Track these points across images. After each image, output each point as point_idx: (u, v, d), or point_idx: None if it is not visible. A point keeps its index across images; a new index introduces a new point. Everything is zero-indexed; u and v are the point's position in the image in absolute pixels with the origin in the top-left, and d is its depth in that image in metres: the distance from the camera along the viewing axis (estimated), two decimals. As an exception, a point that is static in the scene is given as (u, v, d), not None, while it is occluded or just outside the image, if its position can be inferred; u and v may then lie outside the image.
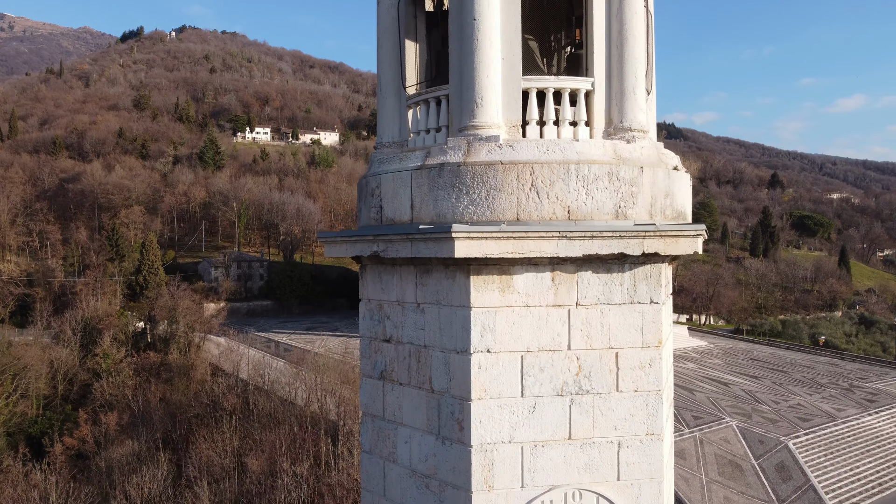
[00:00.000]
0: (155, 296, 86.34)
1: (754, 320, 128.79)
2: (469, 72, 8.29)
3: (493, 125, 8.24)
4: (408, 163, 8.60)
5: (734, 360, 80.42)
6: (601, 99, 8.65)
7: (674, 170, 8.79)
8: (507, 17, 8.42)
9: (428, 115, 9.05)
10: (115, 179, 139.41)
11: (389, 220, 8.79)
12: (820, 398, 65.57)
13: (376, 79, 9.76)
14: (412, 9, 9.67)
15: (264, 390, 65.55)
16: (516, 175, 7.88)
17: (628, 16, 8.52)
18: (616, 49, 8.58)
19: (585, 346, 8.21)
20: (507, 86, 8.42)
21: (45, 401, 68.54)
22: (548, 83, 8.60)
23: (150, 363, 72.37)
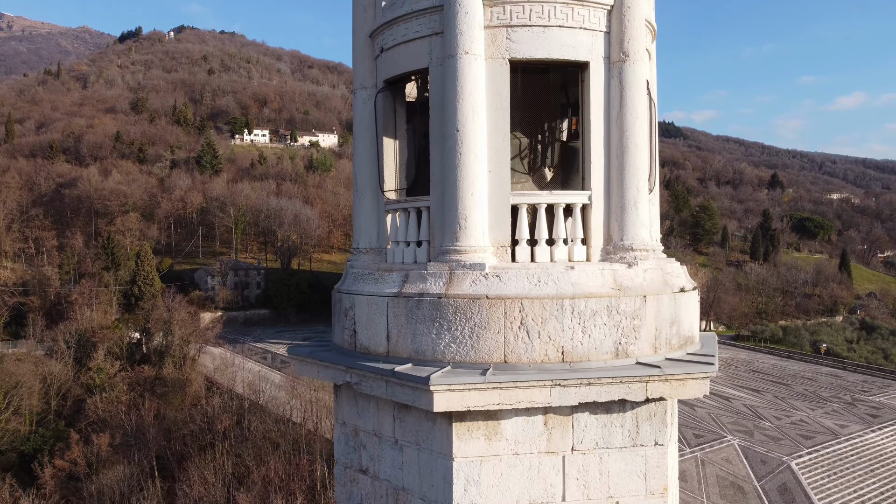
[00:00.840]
0: (150, 307, 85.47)
1: (755, 326, 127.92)
2: (451, 187, 7.43)
3: (479, 248, 7.37)
4: (384, 286, 7.73)
5: (735, 373, 79.56)
6: (599, 214, 7.79)
7: (680, 292, 7.91)
8: (494, 125, 7.56)
9: (408, 227, 8.19)
10: (112, 185, 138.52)
11: (364, 347, 7.91)
12: (822, 413, 64.77)
13: (352, 177, 8.91)
14: (390, 102, 8.79)
15: (260, 406, 64.81)
16: (504, 311, 7.02)
17: (629, 120, 7.65)
18: (616, 158, 7.71)
19: (582, 496, 7.35)
20: (494, 202, 7.55)
21: (38, 417, 67.70)
22: (539, 198, 7.74)
23: (144, 377, 71.54)
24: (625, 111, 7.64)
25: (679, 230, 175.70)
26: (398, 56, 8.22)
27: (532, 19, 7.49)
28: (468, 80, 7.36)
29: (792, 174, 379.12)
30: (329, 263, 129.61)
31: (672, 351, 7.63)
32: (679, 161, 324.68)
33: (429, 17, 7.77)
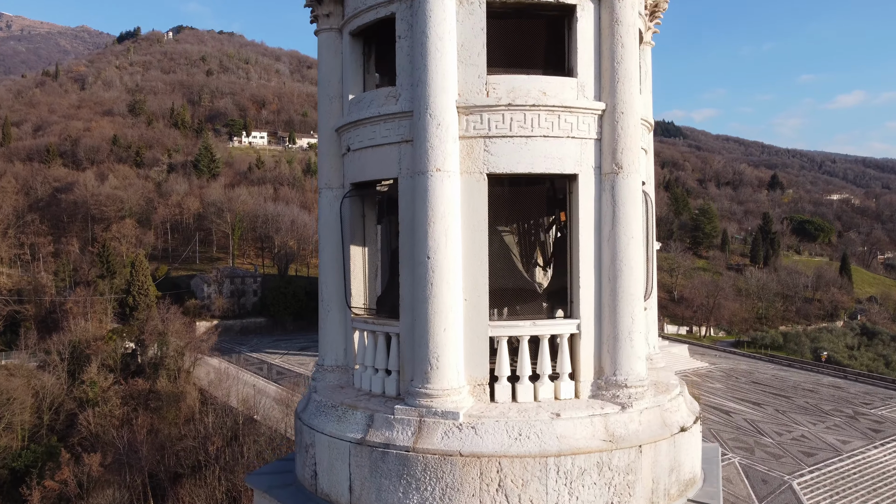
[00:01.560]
0: (145, 317, 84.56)
1: (755, 332, 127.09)
2: (422, 321, 6.57)
3: (452, 391, 6.51)
4: (347, 427, 6.86)
5: (735, 384, 78.69)
6: (589, 344, 6.93)
7: (680, 432, 7.06)
8: (471, 248, 6.70)
9: (376, 352, 7.34)
10: (109, 190, 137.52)
11: (325, 494, 7.05)
12: (824, 428, 63.87)
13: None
14: (359, 205, 7.93)
15: (255, 421, 63.94)
16: (479, 472, 6.16)
17: (623, 240, 6.80)
18: (608, 282, 6.86)
19: None
20: (470, 335, 6.69)
21: (30, 432, 66.83)
22: (522, 329, 6.88)
23: (138, 391, 70.65)
24: (618, 229, 6.79)
25: (679, 234, 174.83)
26: (365, 160, 7.37)
27: (513, 129, 6.64)
28: (440, 200, 6.50)
29: (792, 174, 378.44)
30: None
31: (671, 501, 6.78)
32: (679, 162, 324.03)
33: (398, 123, 6.92)
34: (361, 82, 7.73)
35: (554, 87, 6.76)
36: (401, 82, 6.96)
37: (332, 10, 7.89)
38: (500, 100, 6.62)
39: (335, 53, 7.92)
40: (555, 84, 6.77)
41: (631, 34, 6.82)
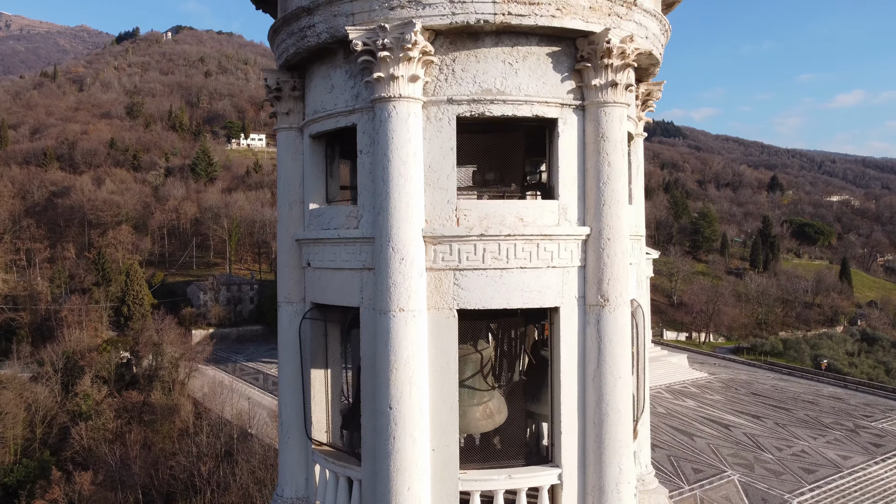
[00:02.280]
0: (140, 327, 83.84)
1: (755, 339, 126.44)
2: (384, 476, 5.87)
3: (418, 558, 5.82)
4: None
5: (735, 396, 77.88)
6: (572, 497, 6.22)
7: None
8: (439, 393, 6.00)
9: (337, 494, 6.63)
10: (105, 195, 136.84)
11: None
12: (824, 442, 63.14)
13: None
14: (320, 325, 7.22)
15: (250, 435, 63.30)
16: None
17: (610, 381, 6.08)
18: (593, 427, 6.15)
19: None
20: (438, 490, 5.98)
21: (22, 446, 66.14)
22: (496, 483, 6.17)
23: (132, 403, 69.98)
24: (604, 369, 6.08)
25: (678, 237, 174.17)
26: (326, 282, 6.66)
27: (486, 261, 5.93)
28: (404, 344, 5.80)
29: (791, 174, 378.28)
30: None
31: None
32: (678, 163, 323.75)
33: (359, 248, 6.21)
34: (323, 189, 7.03)
35: (532, 212, 6.06)
36: (362, 202, 6.26)
37: (291, 108, 7.20)
38: (471, 229, 5.92)
39: (295, 155, 7.22)
40: (533, 209, 6.07)
41: (619, 150, 6.12)
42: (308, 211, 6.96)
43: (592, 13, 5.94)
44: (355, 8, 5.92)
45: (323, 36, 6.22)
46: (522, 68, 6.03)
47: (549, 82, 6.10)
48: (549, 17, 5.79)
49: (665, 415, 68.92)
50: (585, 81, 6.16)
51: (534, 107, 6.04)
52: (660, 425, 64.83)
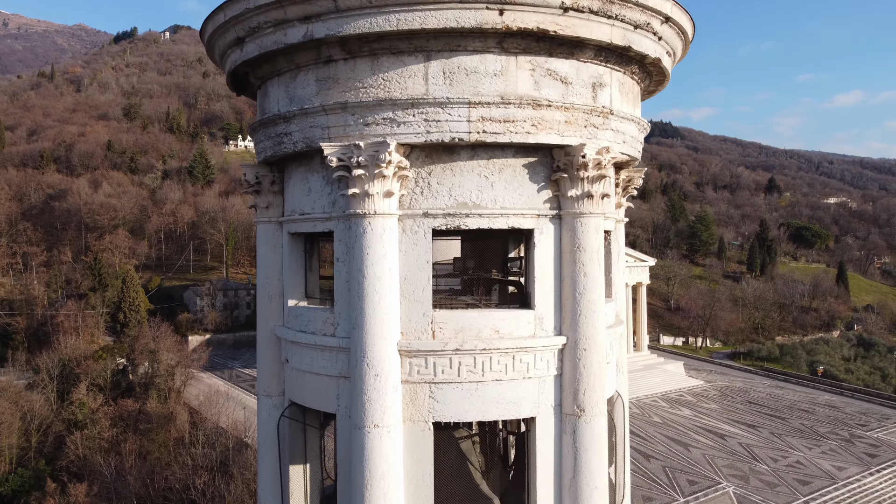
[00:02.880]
0: (136, 334, 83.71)
1: (752, 343, 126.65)
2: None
3: None
4: None
5: (731, 405, 77.97)
6: None
7: None
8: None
9: None
10: (102, 198, 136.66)
11: None
12: (819, 452, 63.23)
13: None
14: (299, 422, 7.21)
15: (246, 444, 63.26)
16: None
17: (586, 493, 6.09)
18: (568, 537, 6.16)
19: None
20: None
21: (17, 454, 66.03)
22: None
23: (127, 412, 69.89)
24: (580, 479, 6.09)
25: (675, 241, 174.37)
26: (304, 383, 6.66)
27: (462, 374, 5.93)
28: (379, 461, 5.80)
29: (789, 175, 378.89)
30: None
31: None
32: (676, 165, 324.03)
33: (336, 356, 6.21)
34: (302, 284, 7.03)
35: (509, 323, 6.06)
36: (339, 310, 6.26)
37: (271, 202, 7.20)
38: (447, 344, 5.92)
39: (275, 247, 7.22)
40: (510, 320, 6.07)
41: (595, 260, 6.12)
42: (287, 308, 6.96)
43: (568, 127, 5.94)
44: (331, 122, 5.92)
45: (299, 145, 6.22)
46: (498, 181, 6.03)
47: (525, 193, 6.10)
48: (525, 134, 5.79)
49: (661, 424, 69.01)
50: (562, 191, 6.16)
51: (510, 219, 6.04)
52: (656, 435, 64.94)
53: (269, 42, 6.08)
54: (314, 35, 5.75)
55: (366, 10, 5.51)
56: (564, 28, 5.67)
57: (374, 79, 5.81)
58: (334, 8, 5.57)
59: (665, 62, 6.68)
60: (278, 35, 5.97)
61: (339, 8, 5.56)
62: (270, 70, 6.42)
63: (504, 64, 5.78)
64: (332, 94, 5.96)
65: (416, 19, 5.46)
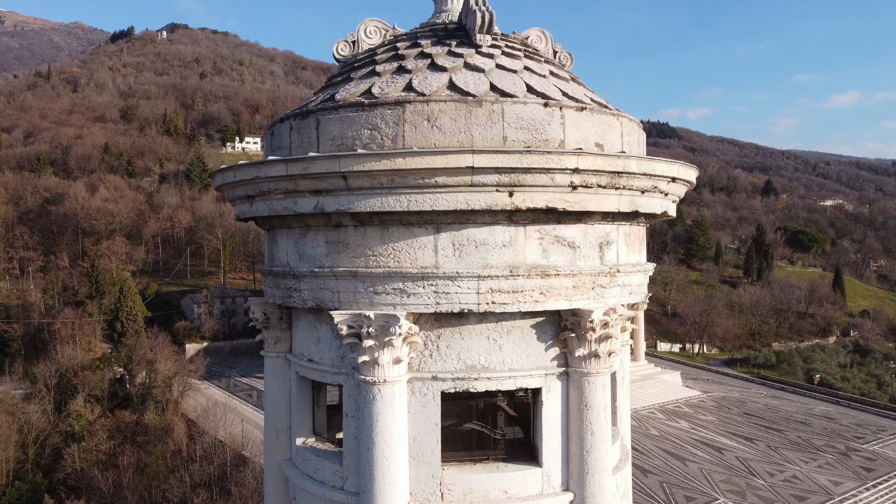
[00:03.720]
0: (133, 343, 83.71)
1: (749, 350, 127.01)
2: None
3: None
4: None
5: (728, 416, 78.25)
6: None
7: None
8: None
9: None
10: (99, 203, 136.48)
11: None
12: (816, 467, 63.47)
13: None
14: None
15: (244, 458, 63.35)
16: None
17: None
18: None
19: None
20: None
21: (14, 467, 66.01)
22: None
23: (125, 423, 69.90)
24: None
25: (672, 245, 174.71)
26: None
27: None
28: None
29: (786, 176, 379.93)
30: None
31: None
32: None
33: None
34: (310, 423, 7.08)
35: (516, 483, 6.13)
36: (347, 464, 6.32)
37: (279, 337, 7.25)
38: (455, 507, 5.99)
39: (283, 382, 7.27)
40: (517, 479, 6.13)
41: (602, 418, 6.19)
42: (295, 446, 7.01)
43: (576, 291, 6.01)
44: (341, 287, 5.98)
45: (309, 303, 6.27)
46: (507, 343, 6.09)
47: (532, 353, 6.17)
48: (533, 303, 5.85)
49: (658, 437, 69.21)
50: (569, 348, 6.22)
51: (518, 380, 6.11)
52: (653, 449, 65.15)
53: (279, 207, 6.13)
54: (325, 209, 5.81)
55: (377, 191, 5.56)
56: (573, 204, 5.73)
57: (384, 248, 5.87)
58: (345, 187, 5.62)
59: (671, 211, 6.76)
60: (288, 202, 6.03)
61: (350, 187, 5.61)
62: (280, 223, 6.48)
63: (513, 234, 5.83)
64: (342, 258, 6.02)
65: (427, 201, 5.52)
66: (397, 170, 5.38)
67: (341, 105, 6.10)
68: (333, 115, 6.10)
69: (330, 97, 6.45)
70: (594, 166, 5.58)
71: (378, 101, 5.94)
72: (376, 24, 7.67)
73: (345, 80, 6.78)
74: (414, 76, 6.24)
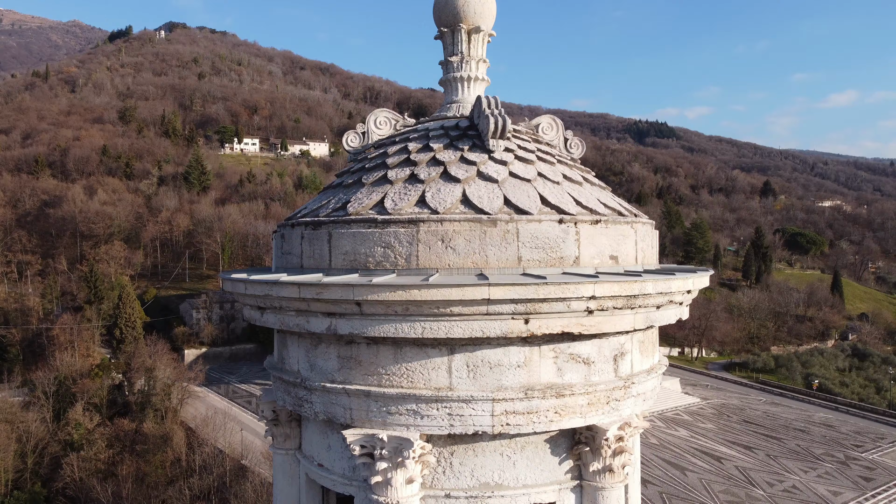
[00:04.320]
0: (132, 350, 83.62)
1: (747, 355, 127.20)
2: None
3: None
4: None
5: (727, 424, 78.37)
6: None
7: None
8: None
9: None
10: (97, 206, 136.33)
11: None
12: (815, 476, 63.61)
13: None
14: None
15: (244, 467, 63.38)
16: None
17: None
18: None
19: None
20: None
21: (13, 476, 65.94)
22: None
23: (124, 432, 69.85)
24: None
25: (671, 248, 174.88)
26: None
27: None
28: None
29: (784, 176, 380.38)
30: None
31: None
32: (672, 167, 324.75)
33: None
34: (319, 527, 7.02)
35: None
36: (359, 576, 6.26)
37: (288, 434, 7.19)
38: None
39: (291, 479, 7.21)
40: None
41: (615, 532, 6.13)
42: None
43: (590, 408, 5.95)
44: (353, 404, 5.92)
45: (320, 416, 6.21)
46: (520, 459, 6.04)
47: (546, 468, 6.11)
48: (548, 423, 5.80)
49: (658, 446, 69.29)
50: (583, 461, 6.17)
51: (531, 496, 6.05)
52: (653, 458, 65.20)
53: (290, 323, 6.07)
54: (338, 331, 5.75)
55: (391, 317, 5.51)
56: (589, 328, 5.68)
57: (398, 367, 5.81)
58: (359, 312, 5.56)
59: (685, 316, 6.72)
60: (300, 320, 5.96)
61: (363, 313, 5.56)
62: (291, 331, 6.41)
63: (527, 355, 5.78)
64: (355, 374, 5.96)
65: (442, 328, 5.47)
66: (412, 301, 5.33)
67: (354, 220, 6.04)
68: (346, 230, 6.04)
69: (342, 205, 6.38)
70: (610, 293, 5.53)
71: (391, 218, 5.88)
72: (386, 116, 7.61)
73: (356, 182, 6.72)
74: (427, 188, 6.18)
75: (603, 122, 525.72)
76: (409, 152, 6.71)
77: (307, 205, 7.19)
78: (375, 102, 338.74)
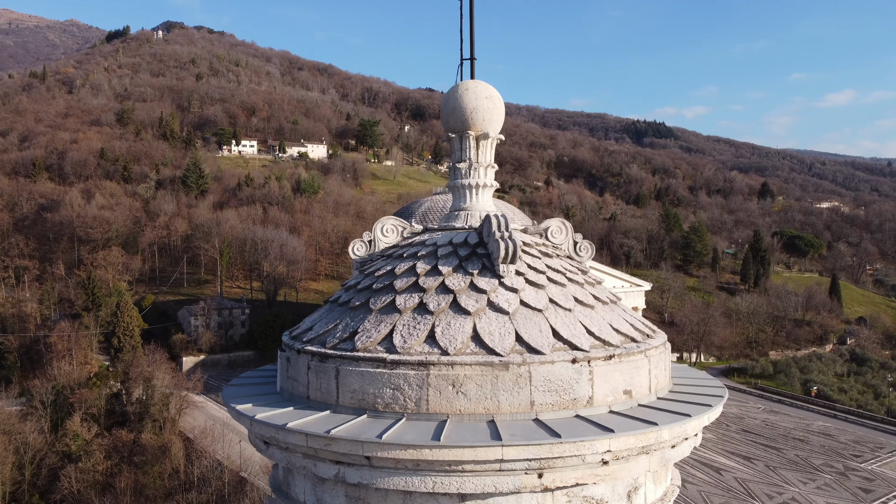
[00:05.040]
0: (130, 359, 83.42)
1: (746, 360, 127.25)
2: None
3: None
4: None
5: (726, 434, 78.31)
6: None
7: None
8: None
9: None
10: (95, 211, 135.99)
11: None
12: (815, 488, 63.60)
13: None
14: None
15: (243, 480, 63.26)
16: None
17: None
18: None
19: None
20: None
21: (10, 488, 65.72)
22: None
23: (122, 443, 69.65)
24: None
25: (669, 252, 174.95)
26: None
27: None
28: None
29: (782, 177, 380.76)
30: (316, 293, 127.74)
31: None
32: (670, 168, 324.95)
33: None
34: None
35: None
36: None
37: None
38: None
39: None
40: None
41: None
42: None
43: (604, 550, 5.83)
44: (361, 548, 5.79)
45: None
46: None
47: None
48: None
49: (656, 457, 69.18)
50: None
51: None
52: (651, 470, 65.08)
53: (297, 464, 5.93)
54: (346, 479, 5.62)
55: (401, 471, 5.38)
56: (603, 477, 5.55)
57: (407, 512, 5.68)
58: (368, 464, 5.44)
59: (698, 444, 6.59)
60: (307, 463, 5.83)
61: (372, 465, 5.43)
62: (297, 462, 6.27)
63: (540, 501, 5.65)
64: (363, 516, 5.83)
65: (454, 484, 5.34)
66: (423, 459, 5.20)
67: (362, 357, 5.91)
68: (354, 368, 5.91)
69: (350, 336, 6.24)
70: (626, 445, 5.41)
71: (400, 359, 5.74)
72: (393, 224, 7.48)
73: (363, 306, 6.58)
74: (437, 321, 6.05)
75: (601, 122, 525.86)
76: (418, 275, 6.57)
77: (313, 322, 7.05)
78: (373, 103, 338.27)
